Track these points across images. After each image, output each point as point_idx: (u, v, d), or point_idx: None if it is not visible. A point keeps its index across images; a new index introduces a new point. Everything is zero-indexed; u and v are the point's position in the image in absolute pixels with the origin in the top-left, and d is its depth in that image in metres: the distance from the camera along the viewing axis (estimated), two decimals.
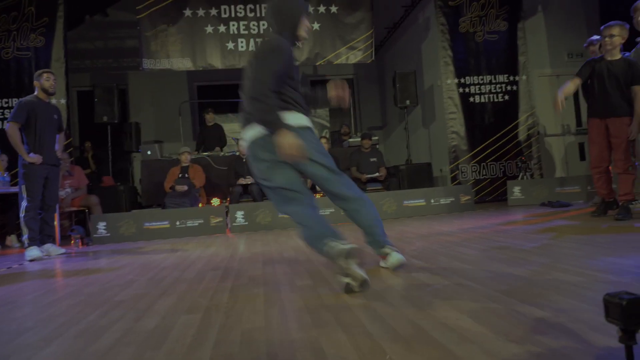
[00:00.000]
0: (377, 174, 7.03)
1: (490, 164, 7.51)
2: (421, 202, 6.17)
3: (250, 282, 2.49)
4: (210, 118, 7.88)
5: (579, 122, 8.05)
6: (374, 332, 1.49)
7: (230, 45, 7.28)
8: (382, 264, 2.56)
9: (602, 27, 4.06)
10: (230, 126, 9.00)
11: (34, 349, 1.58)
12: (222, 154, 7.30)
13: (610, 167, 4.17)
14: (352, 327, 1.57)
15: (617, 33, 3.93)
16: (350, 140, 8.10)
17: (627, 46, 4.17)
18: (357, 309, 1.78)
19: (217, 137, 7.87)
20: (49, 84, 4.54)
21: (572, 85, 4.08)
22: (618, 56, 4.01)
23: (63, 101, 6.72)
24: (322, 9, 7.42)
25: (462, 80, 7.53)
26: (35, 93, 4.55)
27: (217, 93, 9.75)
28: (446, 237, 3.72)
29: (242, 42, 7.31)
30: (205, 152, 7.37)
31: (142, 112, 9.57)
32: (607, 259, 2.36)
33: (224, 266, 3.10)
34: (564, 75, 8.03)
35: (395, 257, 2.46)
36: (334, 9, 7.44)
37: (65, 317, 1.99)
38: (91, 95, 7.36)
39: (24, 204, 4.38)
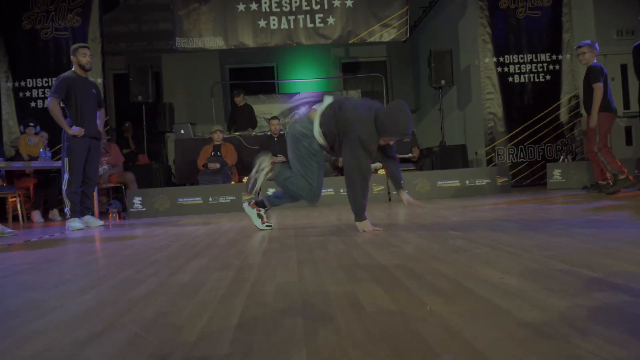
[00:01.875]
0: (409, 155, 6.89)
1: (529, 147, 7.24)
2: (455, 182, 6.02)
3: (282, 246, 2.46)
4: (240, 100, 7.87)
5: (626, 105, 7.62)
6: (411, 287, 1.43)
7: (262, 23, 7.21)
8: None
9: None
10: (260, 107, 8.96)
11: (71, 296, 1.59)
12: (254, 133, 7.28)
13: None
14: (388, 282, 1.51)
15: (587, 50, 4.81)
16: None
17: None
18: (393, 268, 1.73)
19: (248, 118, 7.86)
20: (86, 60, 4.58)
21: None
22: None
23: (100, 80, 6.83)
24: None
25: (501, 59, 7.26)
26: (73, 69, 4.62)
27: (248, 75, 9.75)
28: (484, 213, 3.60)
29: (274, 19, 7.24)
30: (237, 132, 7.39)
31: (175, 94, 9.66)
32: None
33: (257, 234, 3.08)
34: (613, 55, 7.58)
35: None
36: None
37: (102, 272, 2.00)
38: (126, 78, 7.47)
39: (66, 176, 4.46)
